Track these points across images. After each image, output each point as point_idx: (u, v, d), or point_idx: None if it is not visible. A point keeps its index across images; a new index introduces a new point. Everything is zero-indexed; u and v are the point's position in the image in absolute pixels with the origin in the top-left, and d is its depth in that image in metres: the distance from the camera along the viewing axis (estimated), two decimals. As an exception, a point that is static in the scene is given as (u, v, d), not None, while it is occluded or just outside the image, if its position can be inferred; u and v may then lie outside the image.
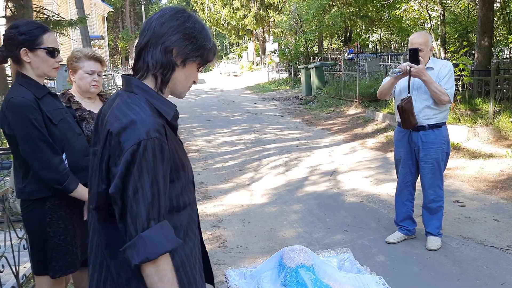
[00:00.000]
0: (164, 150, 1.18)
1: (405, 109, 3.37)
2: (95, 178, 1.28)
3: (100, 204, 1.26)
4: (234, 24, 31.06)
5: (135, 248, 1.14)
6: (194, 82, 1.36)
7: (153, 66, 1.25)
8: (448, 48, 12.54)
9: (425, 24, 15.41)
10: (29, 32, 1.98)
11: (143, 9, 43.74)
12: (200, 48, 1.29)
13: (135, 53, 1.30)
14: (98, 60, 2.42)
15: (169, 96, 1.36)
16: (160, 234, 1.16)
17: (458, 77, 7.07)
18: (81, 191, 2.06)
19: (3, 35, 2.06)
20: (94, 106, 2.45)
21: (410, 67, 3.31)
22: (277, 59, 24.56)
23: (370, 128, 8.82)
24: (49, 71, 2.07)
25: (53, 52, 2.05)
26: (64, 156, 2.06)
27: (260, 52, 34.39)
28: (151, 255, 1.14)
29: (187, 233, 1.33)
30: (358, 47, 22.55)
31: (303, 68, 15.45)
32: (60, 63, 2.12)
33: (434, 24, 14.80)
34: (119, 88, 14.50)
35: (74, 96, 2.40)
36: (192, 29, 1.28)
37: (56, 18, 9.62)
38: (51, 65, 2.06)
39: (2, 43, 2.05)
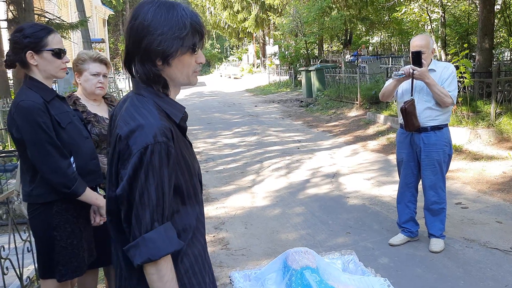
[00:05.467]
0: (170, 154, 1.20)
1: (408, 112, 3.38)
2: (107, 182, 1.31)
3: (112, 208, 1.28)
4: (234, 26, 31.12)
5: (138, 249, 1.17)
6: (201, 63, 1.31)
7: (141, 79, 1.25)
8: (449, 50, 12.56)
9: (426, 26, 15.44)
10: (33, 35, 1.97)
11: (143, 12, 43.68)
12: (174, 40, 1.20)
13: (125, 61, 1.30)
14: (104, 62, 2.43)
15: (179, 95, 1.37)
16: (163, 236, 1.18)
17: (459, 79, 7.07)
18: (89, 195, 2.06)
19: (8, 39, 2.06)
20: (99, 109, 2.45)
21: (413, 70, 3.32)
22: (277, 62, 24.58)
23: (371, 130, 8.82)
24: (56, 72, 2.06)
25: (59, 53, 2.04)
26: (71, 159, 2.05)
27: (260, 55, 34.43)
28: (153, 256, 1.16)
29: (195, 234, 1.34)
30: (365, 50, 22.66)
31: (303, 70, 15.47)
32: (67, 63, 2.11)
33: (435, 26, 14.84)
34: (120, 91, 14.50)
35: (80, 98, 2.41)
36: (150, 26, 1.19)
37: (57, 21, 9.64)
38: (58, 66, 2.05)
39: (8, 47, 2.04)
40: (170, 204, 1.23)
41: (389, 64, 15.68)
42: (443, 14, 13.59)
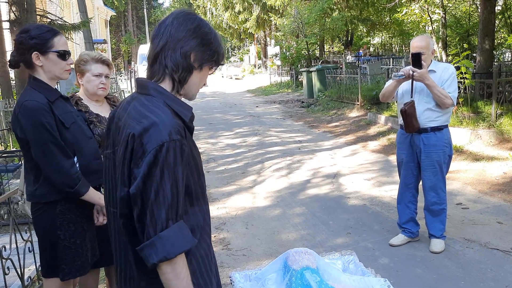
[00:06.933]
0: (184, 152, 1.21)
1: (408, 113, 3.38)
2: (113, 181, 1.30)
3: (124, 209, 1.26)
4: (236, 27, 31.16)
5: (154, 247, 1.17)
6: (205, 84, 1.40)
7: (172, 70, 1.27)
8: (450, 51, 12.55)
9: (426, 27, 15.43)
10: (39, 36, 1.99)
11: (145, 13, 43.86)
12: (215, 53, 1.34)
13: (151, 57, 1.31)
14: (106, 63, 2.44)
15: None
16: (178, 234, 1.19)
17: (460, 80, 7.08)
18: (92, 194, 2.08)
19: (14, 40, 2.08)
20: (101, 109, 2.47)
21: (413, 71, 3.33)
22: (278, 62, 24.59)
23: (372, 130, 8.83)
24: (61, 74, 2.08)
25: (64, 55, 2.06)
26: (75, 159, 2.06)
27: (261, 56, 34.47)
28: (169, 254, 1.16)
29: (202, 235, 1.34)
30: (365, 51, 22.72)
31: (304, 71, 15.47)
32: (70, 65, 2.13)
33: (436, 27, 14.83)
34: (122, 91, 14.52)
35: (82, 99, 2.43)
36: (209, 34, 1.32)
37: (59, 22, 9.68)
38: (62, 67, 2.07)
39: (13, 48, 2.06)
40: (183, 202, 1.23)
41: (390, 65, 15.69)
42: (444, 15, 13.58)
